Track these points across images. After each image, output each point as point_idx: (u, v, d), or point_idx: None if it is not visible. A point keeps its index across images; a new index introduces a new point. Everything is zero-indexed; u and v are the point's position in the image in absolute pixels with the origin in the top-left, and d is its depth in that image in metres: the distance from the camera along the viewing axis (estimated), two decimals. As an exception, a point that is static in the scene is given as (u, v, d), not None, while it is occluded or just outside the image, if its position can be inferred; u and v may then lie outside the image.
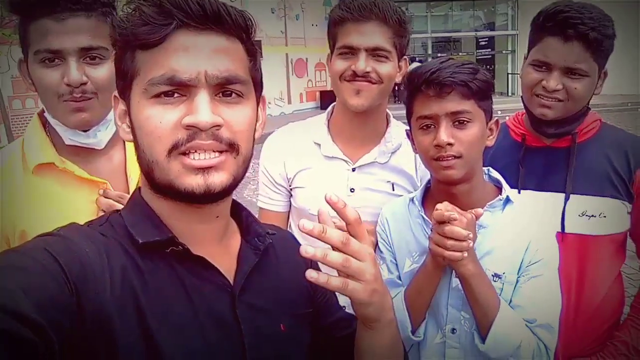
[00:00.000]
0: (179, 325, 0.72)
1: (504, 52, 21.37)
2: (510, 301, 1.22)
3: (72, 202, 1.22)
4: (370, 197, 1.50)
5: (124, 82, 0.76)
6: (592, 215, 1.41)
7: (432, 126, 1.20)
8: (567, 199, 1.43)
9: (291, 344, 0.86)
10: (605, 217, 1.41)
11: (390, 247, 1.37)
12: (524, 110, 1.53)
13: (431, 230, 1.19)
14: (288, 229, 1.67)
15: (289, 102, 17.84)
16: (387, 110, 1.58)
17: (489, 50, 21.89)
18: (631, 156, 1.42)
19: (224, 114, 0.72)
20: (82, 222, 0.79)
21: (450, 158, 1.18)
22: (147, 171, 0.74)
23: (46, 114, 1.25)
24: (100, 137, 1.25)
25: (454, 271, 1.21)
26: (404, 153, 1.54)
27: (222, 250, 0.83)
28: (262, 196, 1.64)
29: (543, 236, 1.27)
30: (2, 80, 9.40)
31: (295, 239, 1.05)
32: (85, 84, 1.15)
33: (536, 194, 1.47)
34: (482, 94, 1.20)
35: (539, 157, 1.49)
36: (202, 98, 0.70)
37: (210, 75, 0.71)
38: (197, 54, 0.71)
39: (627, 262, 1.56)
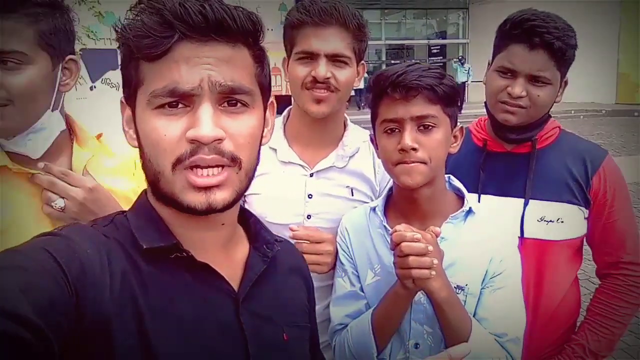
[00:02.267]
0: (179, 330, 0.71)
1: (455, 59, 21.89)
2: (475, 313, 1.20)
3: (27, 208, 1.13)
4: (329, 202, 1.46)
5: (129, 89, 0.75)
6: (551, 221, 1.42)
7: (397, 130, 1.17)
8: (526, 204, 1.44)
9: (293, 353, 0.86)
10: (563, 222, 1.43)
11: (351, 258, 1.33)
12: (487, 116, 1.54)
13: (391, 245, 1.16)
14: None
15: (244, 106, 17.72)
16: (345, 115, 1.54)
17: (441, 57, 22.36)
18: (588, 162, 1.44)
19: (227, 126, 0.71)
20: (35, 228, 0.79)
21: (414, 162, 1.14)
22: (153, 180, 0.74)
23: None
24: (31, 145, 1.14)
25: None
26: (362, 157, 1.51)
27: (227, 257, 0.82)
28: None
29: (506, 247, 1.25)
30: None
31: (297, 250, 1.04)
32: None
33: (496, 199, 1.47)
34: (448, 99, 1.17)
35: (500, 162, 1.50)
36: (206, 110, 0.69)
37: (213, 83, 0.70)
38: (199, 64, 0.70)
39: (582, 267, 1.58)
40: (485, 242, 1.22)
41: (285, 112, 1.56)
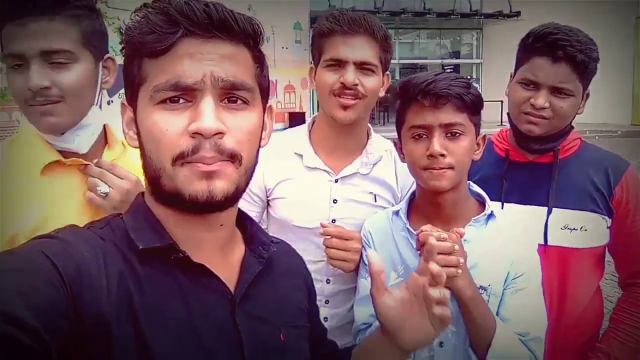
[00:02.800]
0: (175, 332, 0.71)
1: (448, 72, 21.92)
2: (498, 313, 1.22)
3: (69, 202, 1.19)
4: (353, 208, 1.49)
5: (131, 89, 0.76)
6: (574, 229, 1.45)
7: (425, 136, 1.21)
8: (549, 212, 1.46)
9: (290, 354, 0.86)
10: (586, 230, 1.45)
11: None
12: (508, 127, 1.57)
13: (416, 245, 1.19)
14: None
15: (258, 123, 17.84)
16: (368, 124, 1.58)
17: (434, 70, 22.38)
18: (611, 173, 1.47)
19: (228, 121, 0.72)
20: (75, 219, 0.80)
21: (442, 168, 1.18)
22: (154, 177, 0.74)
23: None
24: (79, 141, 1.20)
25: None
26: (384, 165, 1.55)
27: (224, 258, 0.83)
28: None
29: (526, 250, 1.28)
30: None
31: (294, 251, 1.05)
32: (48, 88, 1.10)
33: (519, 207, 1.49)
34: (474, 108, 1.22)
35: (522, 172, 1.53)
36: (208, 103, 0.70)
37: (216, 78, 0.71)
38: (202, 59, 0.71)
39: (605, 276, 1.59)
40: (507, 244, 1.26)
41: (310, 120, 1.61)
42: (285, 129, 18.47)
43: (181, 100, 0.71)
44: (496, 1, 19.07)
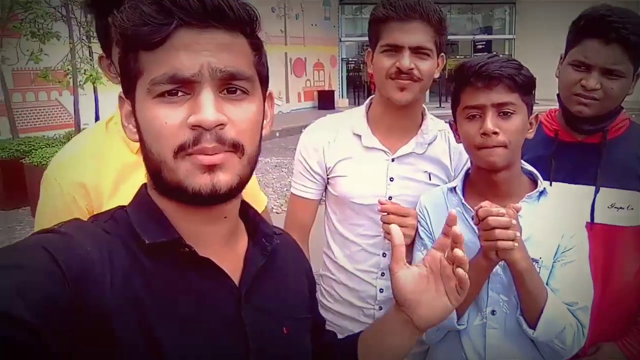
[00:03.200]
0: (182, 325, 0.71)
1: (500, 55, 21.51)
2: (548, 284, 1.30)
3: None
4: (409, 185, 1.57)
5: (127, 82, 0.74)
6: (621, 207, 1.50)
7: (478, 116, 1.28)
8: (597, 191, 1.51)
9: (293, 346, 0.87)
10: (632, 209, 1.50)
11: (431, 234, 1.45)
12: (557, 108, 1.62)
13: (473, 221, 1.27)
14: (324, 215, 1.74)
15: (287, 101, 17.91)
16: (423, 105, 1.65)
17: (486, 53, 21.99)
18: None
19: (228, 112, 0.71)
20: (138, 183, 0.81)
21: (495, 146, 1.25)
22: (155, 171, 0.73)
23: None
24: None
25: None
26: (439, 144, 1.62)
27: (228, 251, 0.82)
28: (296, 183, 1.70)
29: (575, 225, 1.36)
30: (5, 73, 9.39)
31: (295, 242, 1.05)
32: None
33: (567, 186, 1.55)
34: (526, 88, 1.28)
35: (571, 152, 1.58)
36: (207, 95, 0.69)
37: (213, 69, 0.69)
38: (199, 50, 0.69)
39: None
40: (557, 219, 1.33)
41: (367, 101, 1.68)
42: (314, 107, 18.54)
43: (179, 93, 0.70)
44: (531, -25, 18.61)
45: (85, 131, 1.40)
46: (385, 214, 1.47)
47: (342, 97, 19.79)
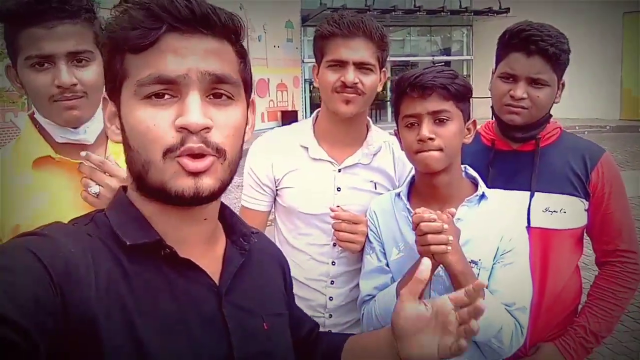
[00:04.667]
0: (166, 325, 0.72)
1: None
2: (488, 286, 1.35)
3: (65, 195, 1.28)
4: (355, 195, 1.62)
5: (113, 84, 0.75)
6: (554, 211, 1.58)
7: (416, 124, 1.35)
8: (532, 196, 1.59)
9: (275, 342, 0.89)
10: (565, 212, 1.58)
11: (379, 237, 1.50)
12: (493, 119, 1.71)
13: (412, 225, 1.32)
14: (273, 226, 1.77)
15: (251, 121, 17.89)
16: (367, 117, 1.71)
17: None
18: (587, 158, 1.61)
19: (214, 116, 0.73)
20: (72, 213, 0.81)
21: (430, 149, 1.32)
22: (140, 172, 0.73)
23: (36, 115, 1.31)
24: (89, 132, 1.32)
25: None
26: (384, 155, 1.68)
27: (208, 251, 0.84)
28: (246, 196, 1.72)
29: (514, 227, 1.42)
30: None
31: (270, 240, 1.09)
32: (75, 85, 1.23)
33: (505, 192, 1.61)
34: (460, 96, 1.36)
35: (507, 160, 1.66)
36: (194, 98, 0.71)
37: (201, 72, 0.72)
38: (186, 54, 0.71)
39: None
40: (497, 222, 1.39)
41: (313, 115, 1.73)
42: (278, 126, 18.48)
43: (166, 96, 0.71)
44: (485, -2, 19.26)
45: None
46: (338, 221, 1.51)
47: (306, 117, 19.72)
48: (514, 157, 1.66)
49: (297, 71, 20.20)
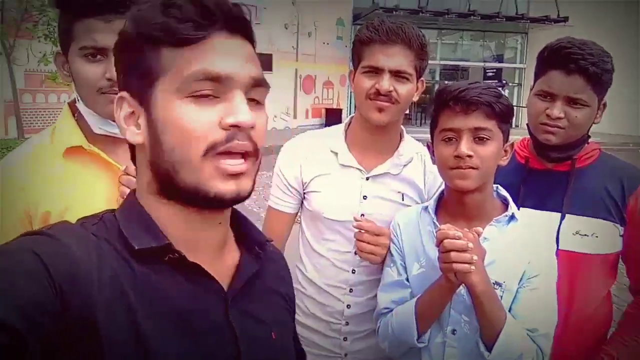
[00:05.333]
0: (170, 329, 0.71)
1: (510, 84, 21.66)
2: (511, 309, 1.32)
3: (95, 186, 1.31)
4: (381, 205, 1.60)
5: (140, 81, 0.73)
6: (585, 235, 1.52)
7: (454, 139, 1.32)
8: (562, 218, 1.54)
9: (282, 352, 0.88)
10: (597, 237, 1.52)
11: (401, 251, 1.48)
12: (529, 136, 1.65)
13: (436, 242, 1.29)
14: (298, 231, 1.77)
15: (295, 117, 18.03)
16: (402, 126, 1.69)
17: (496, 81, 22.15)
18: (625, 183, 1.54)
19: (255, 118, 0.73)
20: (101, 206, 0.81)
21: (467, 168, 1.29)
22: (169, 172, 0.72)
23: (78, 104, 1.34)
24: None
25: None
26: (414, 166, 1.65)
27: (217, 257, 0.82)
28: (273, 197, 1.73)
29: (543, 251, 1.38)
30: (16, 73, 9.54)
31: (279, 250, 1.08)
32: None
33: (535, 212, 1.58)
34: (503, 116, 1.32)
35: (540, 179, 1.61)
36: (241, 97, 0.72)
37: (247, 73, 0.73)
38: (235, 55, 0.73)
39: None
40: (525, 245, 1.36)
41: (347, 120, 1.72)
42: (321, 124, 18.64)
43: (210, 96, 0.71)
44: (544, 5, 18.74)
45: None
46: (360, 230, 1.50)
47: (349, 116, 19.68)
48: (547, 176, 1.61)
49: (344, 69, 20.16)
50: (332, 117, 18.01)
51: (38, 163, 1.30)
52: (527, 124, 1.62)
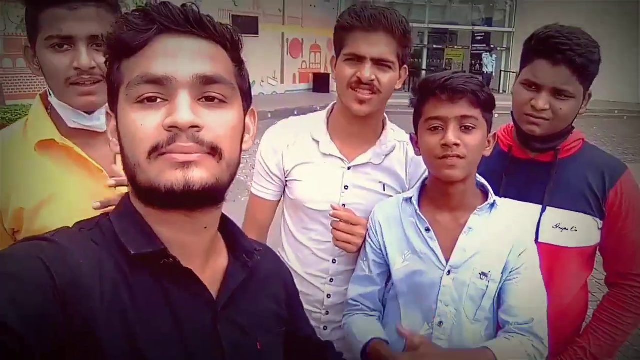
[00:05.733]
0: (163, 337, 0.72)
1: (499, 48, 21.48)
2: (502, 302, 1.37)
3: (69, 181, 1.28)
4: (362, 195, 1.59)
5: (111, 94, 0.76)
6: (565, 228, 1.52)
7: (440, 128, 1.31)
8: (543, 210, 1.54)
9: None
10: (576, 230, 1.53)
11: (379, 248, 1.48)
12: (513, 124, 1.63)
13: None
14: (281, 218, 1.76)
15: (282, 82, 17.77)
16: (385, 114, 1.66)
17: (484, 45, 21.96)
18: (607, 176, 1.53)
19: (205, 117, 0.72)
20: (74, 206, 0.82)
21: (454, 157, 1.28)
22: (132, 175, 0.73)
23: (50, 98, 1.30)
24: (102, 120, 1.31)
25: (445, 269, 1.35)
26: (396, 155, 1.63)
27: (208, 263, 0.83)
28: (255, 184, 1.72)
29: (525, 239, 1.41)
30: (-5, 38, 9.29)
31: (275, 255, 1.08)
32: (93, 68, 1.22)
33: (515, 202, 1.57)
34: (487, 105, 1.32)
35: (522, 169, 1.60)
36: (182, 99, 0.71)
37: (191, 72, 0.72)
38: (176, 55, 0.72)
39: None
40: (507, 233, 1.38)
41: (329, 107, 1.69)
42: (309, 89, 18.43)
43: (158, 100, 0.71)
44: (534, -32, 18.45)
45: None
46: (337, 220, 1.49)
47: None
48: (530, 166, 1.59)
49: (332, 33, 19.81)
50: (320, 82, 17.80)
51: (9, 156, 1.26)
52: (512, 112, 1.59)
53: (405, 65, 1.56)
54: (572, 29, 1.47)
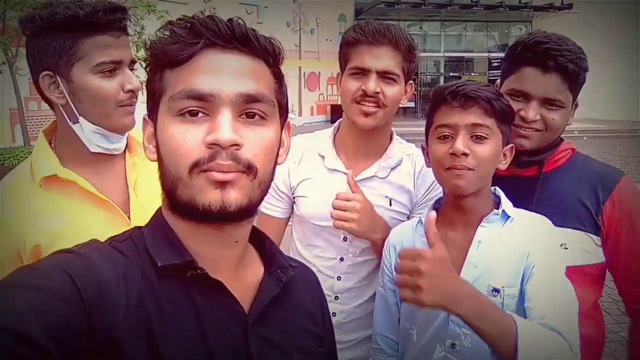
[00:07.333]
0: (190, 352, 0.71)
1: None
2: (525, 313, 1.16)
3: (79, 214, 1.27)
4: None
5: (152, 102, 0.77)
6: None
7: (450, 137, 1.23)
8: None
9: None
10: (566, 248, 1.36)
11: (392, 274, 1.38)
12: None
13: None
14: (290, 235, 1.75)
15: (300, 114, 18.01)
16: (392, 128, 1.65)
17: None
18: (600, 187, 1.39)
19: (245, 135, 0.72)
20: (88, 236, 0.79)
21: (463, 168, 1.20)
22: (171, 188, 0.74)
23: (76, 125, 1.28)
24: (123, 141, 1.35)
25: None
26: (404, 168, 1.60)
27: (238, 278, 0.82)
28: (264, 202, 1.70)
29: (540, 242, 1.23)
30: (19, 81, 9.59)
31: (314, 275, 1.03)
32: (139, 89, 1.28)
33: (532, 213, 1.44)
34: (504, 115, 1.24)
35: (506, 187, 1.37)
36: (224, 116, 0.71)
37: (235, 92, 0.72)
38: (221, 72, 0.72)
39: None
40: (522, 243, 1.23)
41: (336, 124, 1.69)
42: (327, 120, 18.61)
43: (200, 114, 0.72)
44: (547, -7, 18.57)
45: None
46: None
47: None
48: (514, 183, 1.41)
49: (348, 65, 20.09)
50: (338, 113, 17.88)
51: (18, 197, 1.26)
52: None
53: (411, 81, 1.56)
54: (559, 35, 1.38)
